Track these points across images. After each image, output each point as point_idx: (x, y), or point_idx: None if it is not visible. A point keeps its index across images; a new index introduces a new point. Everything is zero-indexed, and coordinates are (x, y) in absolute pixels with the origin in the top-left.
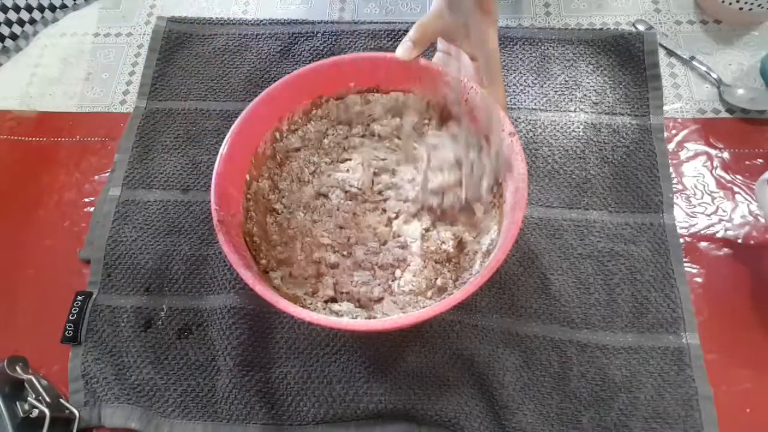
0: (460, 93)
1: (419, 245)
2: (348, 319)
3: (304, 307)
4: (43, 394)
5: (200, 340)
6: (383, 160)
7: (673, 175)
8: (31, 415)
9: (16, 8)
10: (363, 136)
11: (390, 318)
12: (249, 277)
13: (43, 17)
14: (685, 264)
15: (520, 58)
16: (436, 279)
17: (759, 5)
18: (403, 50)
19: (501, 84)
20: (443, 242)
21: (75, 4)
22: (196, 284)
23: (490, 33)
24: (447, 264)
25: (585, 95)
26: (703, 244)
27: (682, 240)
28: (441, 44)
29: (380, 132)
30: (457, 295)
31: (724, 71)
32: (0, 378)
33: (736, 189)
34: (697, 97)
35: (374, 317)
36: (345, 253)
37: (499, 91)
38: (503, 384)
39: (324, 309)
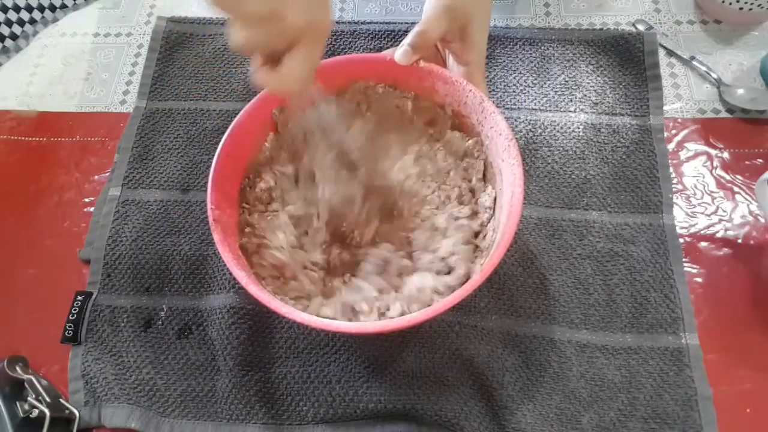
0: (460, 95)
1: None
2: (341, 321)
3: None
4: (43, 394)
5: (200, 340)
6: None
7: (673, 175)
8: (31, 415)
9: (16, 8)
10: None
11: (384, 321)
12: (242, 277)
13: (43, 17)
14: (685, 264)
15: (520, 58)
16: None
17: (759, 5)
18: (402, 55)
19: (485, 90)
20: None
21: (75, 4)
22: (196, 284)
23: (485, 38)
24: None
25: (585, 95)
26: (703, 244)
27: (681, 240)
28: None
29: None
30: (450, 298)
31: (724, 71)
32: (0, 378)
33: (736, 189)
34: (697, 97)
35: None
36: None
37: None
38: (503, 384)
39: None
